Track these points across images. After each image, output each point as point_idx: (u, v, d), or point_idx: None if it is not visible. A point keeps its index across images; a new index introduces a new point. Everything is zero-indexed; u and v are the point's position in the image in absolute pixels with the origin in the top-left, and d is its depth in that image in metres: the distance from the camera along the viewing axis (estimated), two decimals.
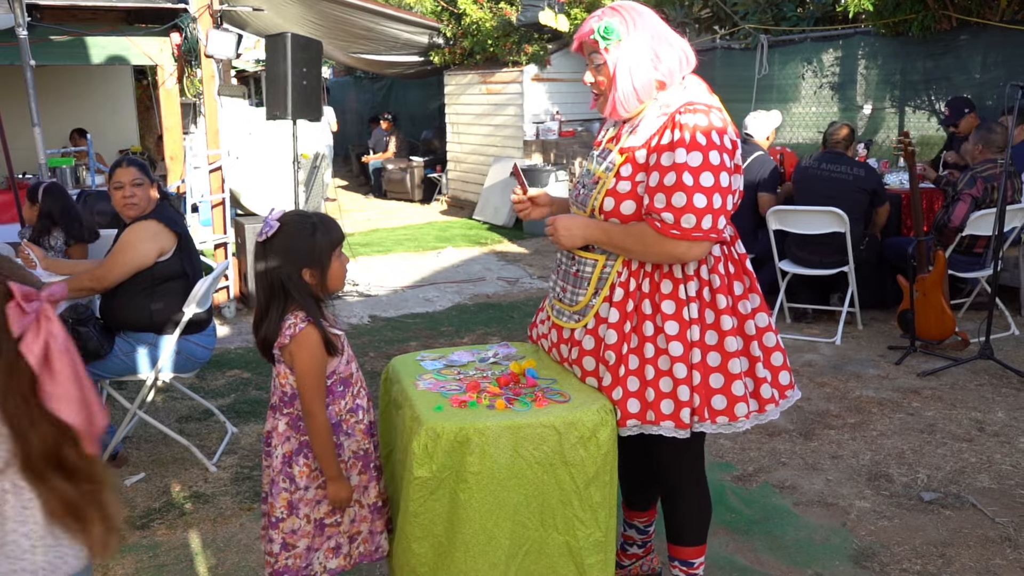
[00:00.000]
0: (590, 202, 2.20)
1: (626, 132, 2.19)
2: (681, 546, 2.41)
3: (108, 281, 3.36)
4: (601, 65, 2.14)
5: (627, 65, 2.10)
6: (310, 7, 8.74)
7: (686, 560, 2.42)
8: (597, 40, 2.11)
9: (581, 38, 2.18)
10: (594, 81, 2.20)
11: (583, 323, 2.24)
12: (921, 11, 6.85)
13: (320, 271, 2.15)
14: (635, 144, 2.13)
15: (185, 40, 6.22)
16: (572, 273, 2.26)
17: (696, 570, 2.43)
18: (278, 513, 2.18)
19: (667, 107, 2.10)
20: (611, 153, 2.20)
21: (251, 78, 15.00)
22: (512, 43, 10.10)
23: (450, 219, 10.92)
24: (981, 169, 5.17)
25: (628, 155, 2.13)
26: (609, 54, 2.11)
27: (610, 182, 2.15)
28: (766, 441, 3.77)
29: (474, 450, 2.01)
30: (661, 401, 2.13)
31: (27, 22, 5.21)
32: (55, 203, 4.22)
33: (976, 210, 5.06)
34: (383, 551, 2.31)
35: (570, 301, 2.28)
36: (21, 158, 7.67)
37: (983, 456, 3.58)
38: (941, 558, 2.83)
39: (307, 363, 2.10)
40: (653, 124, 2.11)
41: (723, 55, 8.79)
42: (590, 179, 2.26)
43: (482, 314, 6.09)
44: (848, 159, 5.35)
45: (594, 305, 2.21)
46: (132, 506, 3.30)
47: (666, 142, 2.05)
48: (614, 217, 2.15)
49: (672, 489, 2.39)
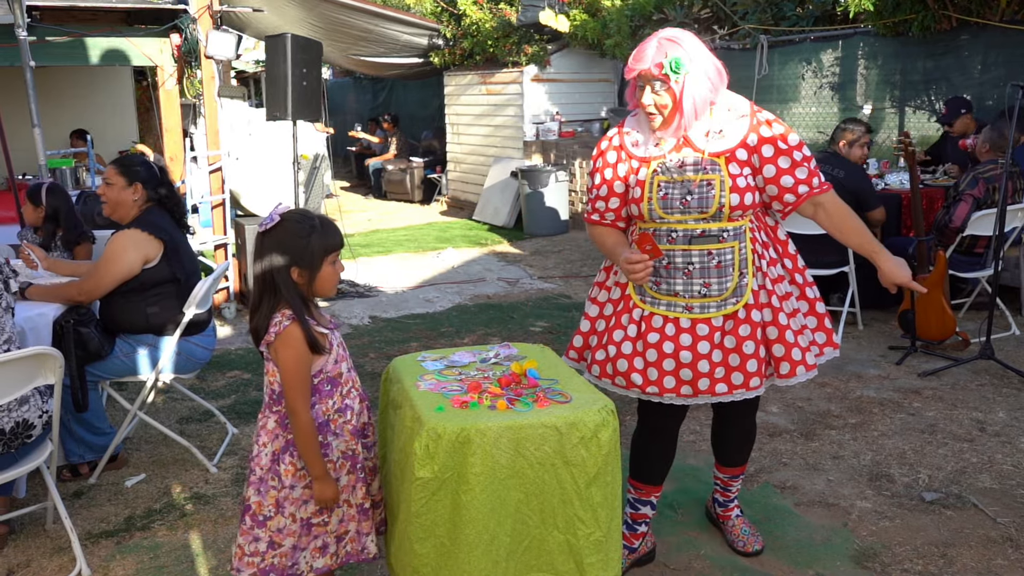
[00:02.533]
0: (713, 203, 2.42)
1: (704, 139, 2.46)
2: (742, 466, 2.93)
3: (96, 294, 3.37)
4: (665, 91, 2.40)
5: (692, 93, 2.38)
6: (310, 9, 8.74)
7: (739, 475, 2.95)
8: (668, 75, 2.37)
9: (644, 71, 2.40)
10: (654, 104, 2.43)
11: (743, 302, 2.47)
12: (921, 11, 6.85)
13: (309, 272, 2.15)
14: (730, 146, 2.44)
15: (185, 41, 6.22)
16: (714, 267, 2.46)
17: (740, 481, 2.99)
18: (266, 511, 2.18)
19: (738, 111, 2.48)
20: (701, 158, 2.45)
21: (251, 79, 15.00)
22: (512, 44, 10.10)
23: (450, 220, 10.92)
24: (983, 170, 5.16)
25: (727, 156, 2.44)
26: (678, 85, 2.38)
27: (728, 181, 2.42)
28: (767, 441, 3.77)
29: (475, 451, 2.01)
30: (811, 346, 2.60)
31: (27, 23, 5.21)
32: (60, 203, 4.20)
33: (978, 211, 5.06)
34: (369, 553, 2.31)
35: (719, 291, 2.47)
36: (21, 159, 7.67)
37: (984, 456, 3.58)
38: (942, 558, 2.83)
39: (289, 361, 2.11)
40: (738, 127, 2.46)
41: (723, 55, 8.70)
42: (690, 185, 2.45)
43: (482, 315, 6.09)
44: (838, 159, 5.29)
45: (746, 283, 2.47)
46: (133, 507, 3.29)
47: (767, 136, 2.45)
48: (739, 209, 2.43)
49: (750, 428, 2.87)
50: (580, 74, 10.35)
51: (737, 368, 2.47)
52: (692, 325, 2.48)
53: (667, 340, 2.48)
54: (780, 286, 2.55)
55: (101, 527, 3.14)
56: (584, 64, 10.30)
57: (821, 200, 2.53)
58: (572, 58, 10.25)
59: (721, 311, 2.47)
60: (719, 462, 2.94)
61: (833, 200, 2.54)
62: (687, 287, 2.48)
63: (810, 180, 2.49)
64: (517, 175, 9.63)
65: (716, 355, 2.47)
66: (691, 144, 2.47)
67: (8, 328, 2.80)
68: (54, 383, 2.71)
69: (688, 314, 2.48)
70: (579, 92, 10.40)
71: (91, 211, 5.43)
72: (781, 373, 2.51)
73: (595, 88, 10.60)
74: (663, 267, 2.51)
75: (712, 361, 2.46)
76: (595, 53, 9.95)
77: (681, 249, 2.48)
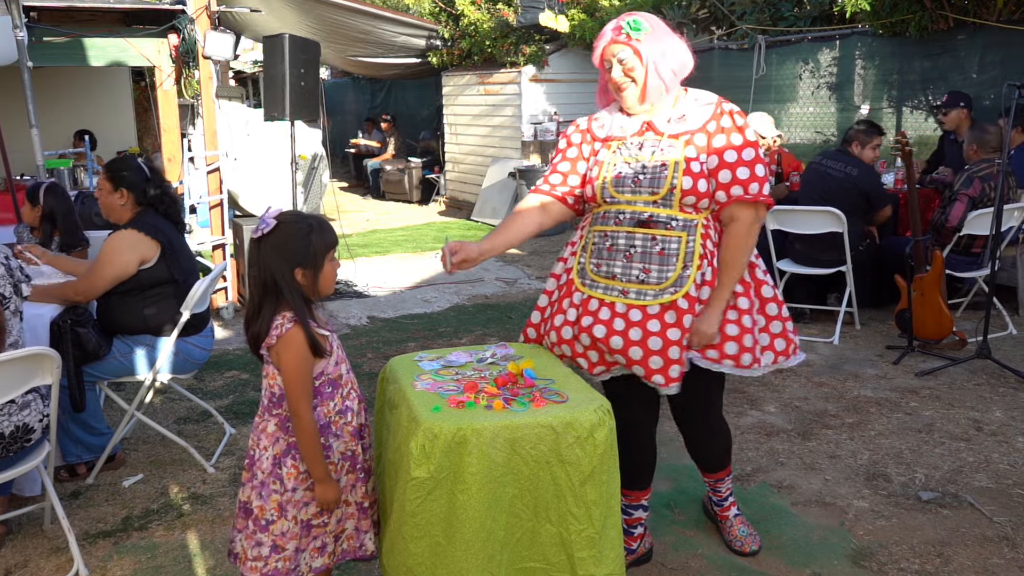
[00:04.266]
0: (665, 183, 2.42)
1: (666, 122, 2.47)
2: (723, 470, 2.86)
3: (92, 294, 3.37)
4: (629, 58, 2.41)
5: (659, 52, 2.40)
6: (307, 11, 8.74)
7: (724, 477, 2.89)
8: (629, 33, 2.38)
9: (605, 44, 2.44)
10: (620, 77, 2.44)
11: (681, 293, 2.43)
12: (918, 11, 6.86)
13: (313, 272, 2.15)
14: (691, 128, 2.44)
15: (183, 41, 6.22)
16: (656, 253, 2.43)
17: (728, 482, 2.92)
18: (268, 515, 2.17)
19: (706, 99, 2.47)
20: (660, 140, 2.46)
21: (249, 79, 15.00)
22: (510, 44, 10.11)
23: (448, 220, 10.93)
24: (977, 169, 5.18)
25: (685, 139, 2.43)
26: (641, 44, 2.39)
27: (682, 164, 2.41)
28: (764, 441, 3.78)
29: (472, 450, 2.01)
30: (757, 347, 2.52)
31: (24, 23, 5.21)
32: (58, 203, 4.19)
33: (974, 210, 5.07)
34: (367, 550, 2.31)
35: (658, 279, 2.44)
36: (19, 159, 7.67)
37: (981, 455, 3.58)
38: (939, 557, 2.83)
39: (292, 363, 2.10)
40: (701, 113, 2.45)
41: (720, 55, 8.80)
42: (640, 164, 2.46)
43: (480, 315, 6.09)
44: (848, 156, 5.34)
45: (689, 275, 2.43)
46: (130, 507, 3.29)
47: (726, 126, 2.42)
48: (692, 195, 2.41)
49: (710, 426, 2.76)
50: (578, 74, 10.36)
51: (663, 356, 2.42)
52: (627, 310, 2.45)
53: (599, 324, 2.46)
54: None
55: (98, 527, 3.14)
56: (582, 64, 10.31)
57: (740, 213, 2.44)
58: (570, 58, 10.25)
59: (658, 300, 2.43)
60: (698, 466, 2.92)
61: (750, 220, 2.45)
62: (625, 271, 2.46)
63: (747, 184, 2.42)
64: (515, 175, 9.64)
65: (651, 342, 2.42)
66: (653, 128, 2.49)
67: (15, 331, 2.81)
68: (51, 383, 2.71)
69: (623, 299, 2.46)
70: (577, 92, 10.40)
71: (89, 211, 5.43)
72: (707, 356, 2.47)
73: (593, 88, 10.45)
74: (605, 248, 2.50)
75: (646, 348, 2.42)
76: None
77: (625, 231, 2.47)
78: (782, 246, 5.46)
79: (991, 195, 5.05)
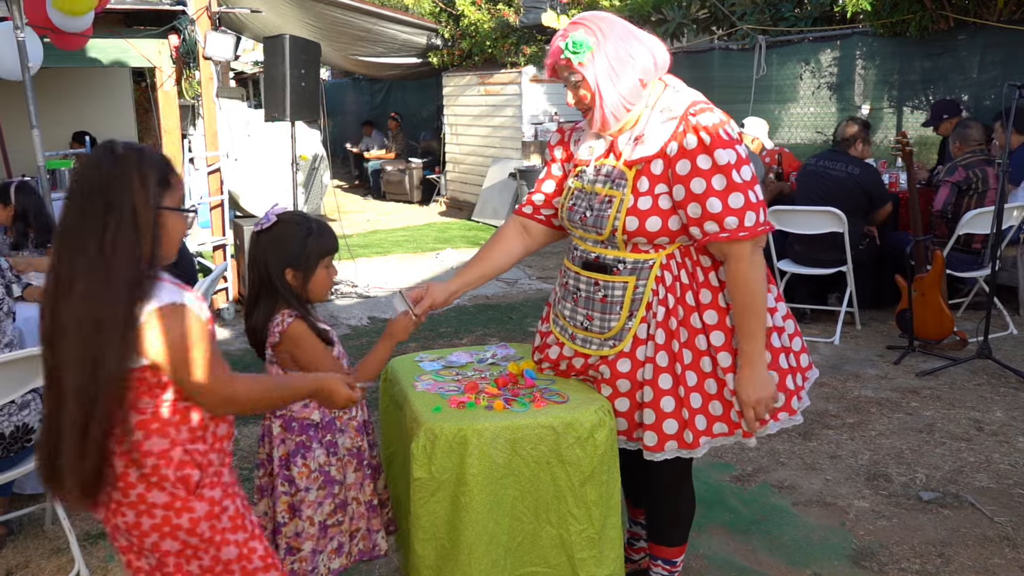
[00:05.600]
0: (607, 224, 2.07)
1: (626, 144, 2.08)
2: (668, 546, 2.38)
3: None
4: (580, 82, 2.04)
5: (606, 74, 2.00)
6: (308, 9, 8.75)
7: (670, 559, 2.40)
8: (569, 58, 2.01)
9: (553, 62, 2.08)
10: (576, 100, 2.09)
11: (619, 348, 2.13)
12: (919, 11, 6.86)
13: (303, 275, 2.15)
14: (646, 154, 2.03)
15: (183, 42, 6.23)
16: (599, 300, 2.13)
17: (678, 568, 2.43)
18: (279, 518, 2.18)
19: (670, 111, 2.03)
20: (614, 169, 2.09)
21: (249, 80, 15.00)
22: (510, 44, 10.11)
23: (449, 220, 10.93)
24: (962, 158, 5.35)
25: (640, 168, 2.04)
26: (585, 68, 2.01)
27: (628, 200, 2.04)
28: (764, 441, 3.78)
29: (472, 451, 2.01)
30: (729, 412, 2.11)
31: (25, 24, 5.21)
32: (29, 201, 4.14)
33: (960, 195, 5.20)
34: (380, 550, 2.31)
35: (600, 328, 2.14)
36: (20, 160, 7.67)
37: (982, 456, 3.58)
38: (940, 557, 2.83)
39: (311, 351, 2.10)
40: (662, 131, 2.03)
41: (721, 56, 8.79)
42: (593, 199, 2.12)
43: (481, 315, 6.09)
44: (847, 157, 5.35)
45: (631, 328, 2.11)
46: None
47: (690, 147, 1.97)
48: (640, 236, 2.04)
49: (661, 494, 2.35)
50: None
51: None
52: (572, 355, 2.23)
53: (550, 363, 2.31)
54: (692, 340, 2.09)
55: (99, 528, 3.14)
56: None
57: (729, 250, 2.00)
58: None
59: (599, 351, 2.16)
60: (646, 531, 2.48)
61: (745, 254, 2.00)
62: (573, 314, 2.21)
63: (722, 219, 1.96)
64: (516, 176, 9.64)
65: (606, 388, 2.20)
66: (615, 151, 2.12)
67: (9, 332, 2.81)
68: None
69: (571, 343, 2.23)
70: None
71: None
72: (646, 444, 2.12)
73: None
74: (562, 285, 2.26)
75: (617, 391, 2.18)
76: None
77: (574, 271, 2.20)
78: (782, 246, 5.46)
79: (975, 182, 5.21)
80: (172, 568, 1.68)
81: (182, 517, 1.65)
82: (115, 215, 1.56)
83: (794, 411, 2.20)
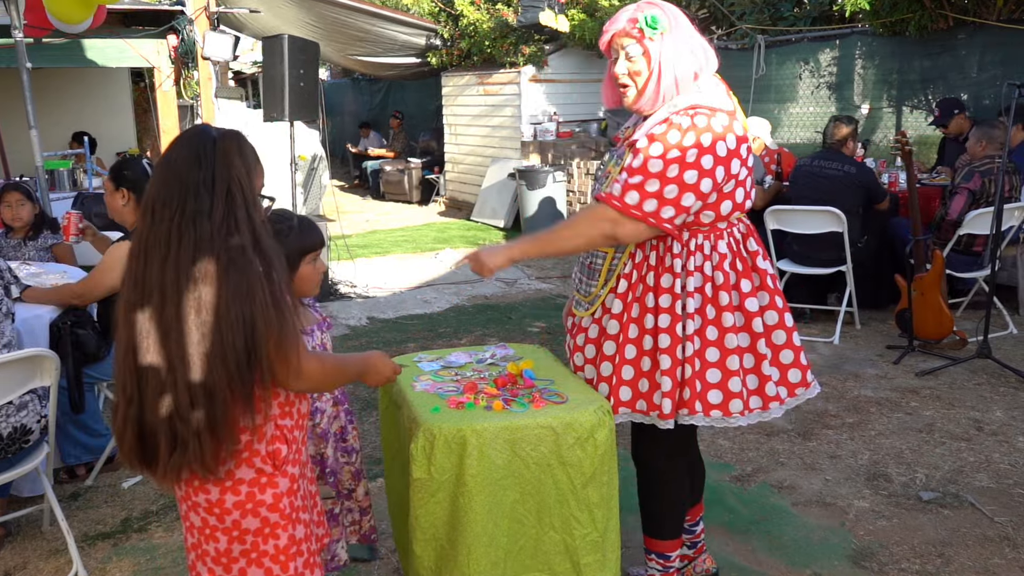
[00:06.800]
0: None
1: (638, 127, 2.23)
2: (660, 539, 2.43)
3: (88, 299, 3.39)
4: (639, 56, 2.15)
5: (670, 56, 2.13)
6: (307, 9, 8.75)
7: (663, 553, 2.44)
8: (643, 29, 2.12)
9: (622, 29, 2.17)
10: (626, 72, 2.19)
11: (591, 311, 2.31)
12: (918, 10, 6.86)
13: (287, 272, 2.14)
14: (639, 138, 2.17)
15: (182, 42, 6.22)
16: (587, 265, 2.34)
17: (672, 563, 2.46)
18: None
19: (675, 107, 2.15)
20: (623, 148, 2.26)
21: (248, 80, 15.00)
22: (509, 44, 10.10)
23: (448, 220, 10.92)
24: (979, 164, 5.20)
25: (634, 149, 2.18)
26: (653, 43, 2.13)
27: (619, 176, 2.19)
28: (764, 441, 3.77)
29: (471, 452, 2.01)
30: (654, 392, 2.22)
31: (24, 24, 5.21)
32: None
33: (975, 204, 5.08)
34: (340, 560, 2.32)
35: (584, 292, 2.35)
36: (19, 160, 7.66)
37: (981, 455, 3.58)
38: (940, 557, 2.83)
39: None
40: (654, 119, 2.17)
41: (720, 56, 8.79)
42: (603, 174, 2.33)
43: (480, 315, 6.09)
44: (842, 156, 5.33)
45: (602, 295, 2.29)
46: (129, 509, 3.29)
47: (659, 132, 2.11)
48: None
49: (651, 480, 2.43)
50: (578, 74, 10.36)
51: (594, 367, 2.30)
52: (570, 314, 2.46)
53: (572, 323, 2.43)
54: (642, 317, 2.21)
55: (98, 529, 3.14)
56: (582, 64, 10.30)
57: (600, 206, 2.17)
58: (570, 58, 10.25)
59: (584, 312, 2.35)
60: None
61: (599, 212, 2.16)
62: (577, 277, 2.43)
63: (616, 183, 2.15)
64: (515, 175, 9.64)
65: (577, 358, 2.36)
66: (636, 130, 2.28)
67: (8, 333, 2.81)
68: (50, 385, 2.71)
69: (574, 306, 2.43)
70: (577, 92, 10.40)
71: (89, 211, 5.44)
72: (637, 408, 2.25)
73: (593, 88, 10.59)
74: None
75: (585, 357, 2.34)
76: (593, 53, 9.95)
77: None
78: (781, 246, 5.46)
79: (991, 190, 5.06)
80: (249, 546, 1.69)
81: (266, 493, 1.67)
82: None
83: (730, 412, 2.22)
